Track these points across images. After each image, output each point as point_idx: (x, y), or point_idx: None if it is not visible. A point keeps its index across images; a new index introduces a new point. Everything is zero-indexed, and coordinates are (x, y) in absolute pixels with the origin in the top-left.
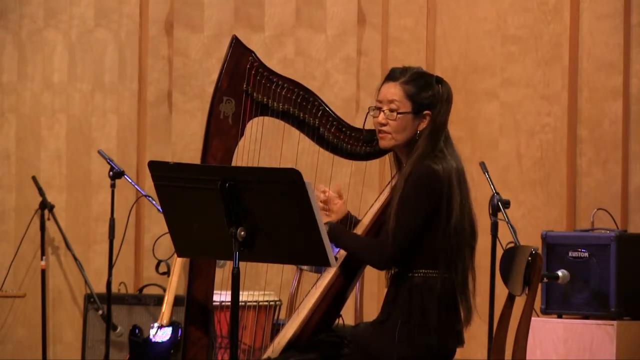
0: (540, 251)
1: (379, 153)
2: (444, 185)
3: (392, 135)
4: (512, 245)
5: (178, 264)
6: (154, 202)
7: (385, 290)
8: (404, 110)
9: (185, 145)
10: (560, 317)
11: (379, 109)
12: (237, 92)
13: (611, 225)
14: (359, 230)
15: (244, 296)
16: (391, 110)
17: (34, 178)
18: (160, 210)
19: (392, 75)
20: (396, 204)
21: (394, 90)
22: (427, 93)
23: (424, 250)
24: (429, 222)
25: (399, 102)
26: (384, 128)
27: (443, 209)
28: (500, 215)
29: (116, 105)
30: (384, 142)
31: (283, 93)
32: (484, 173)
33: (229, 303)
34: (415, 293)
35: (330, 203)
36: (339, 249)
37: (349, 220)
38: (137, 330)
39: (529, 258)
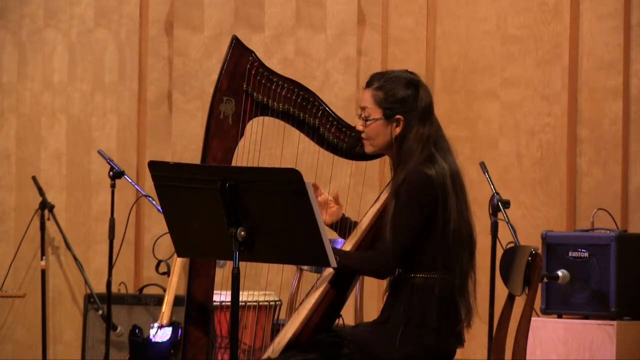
0: (540, 251)
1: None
2: (438, 189)
3: (369, 142)
4: (512, 245)
5: (178, 264)
6: (154, 202)
7: (385, 291)
8: (375, 117)
9: (185, 145)
10: (560, 317)
11: (359, 115)
12: (237, 92)
13: (611, 225)
14: (357, 232)
15: (244, 296)
16: (364, 117)
17: (34, 178)
18: (160, 210)
19: (369, 81)
20: (392, 213)
21: (366, 97)
22: (395, 97)
23: (423, 253)
24: (426, 226)
25: (370, 109)
26: (362, 135)
27: (439, 213)
28: (500, 215)
29: (116, 105)
30: (366, 148)
31: (283, 93)
32: (484, 173)
33: (229, 303)
34: (416, 294)
35: (326, 206)
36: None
37: (344, 224)
38: (137, 330)
39: (529, 258)
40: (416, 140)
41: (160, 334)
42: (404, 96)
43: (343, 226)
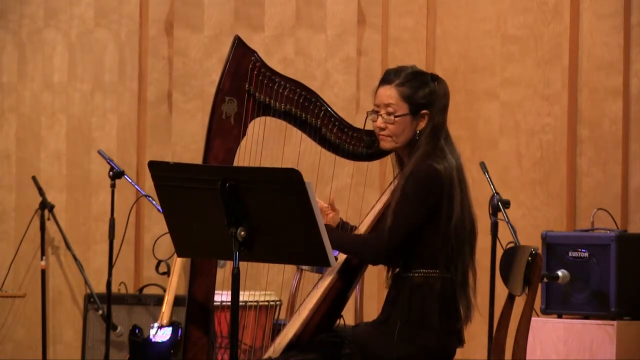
0: (540, 251)
1: (380, 153)
2: (445, 184)
3: (392, 138)
4: (512, 245)
5: (178, 264)
6: (154, 202)
7: (386, 290)
8: (402, 113)
9: (185, 145)
10: (560, 317)
11: (377, 112)
12: (239, 92)
13: (611, 225)
14: (359, 231)
15: (244, 296)
16: (388, 114)
17: (34, 178)
18: (160, 210)
19: (387, 78)
20: (396, 201)
21: (389, 93)
22: (423, 92)
23: (425, 250)
24: (429, 222)
25: (396, 105)
26: (383, 132)
27: (444, 209)
28: (500, 215)
29: (116, 105)
30: (385, 144)
31: (285, 93)
32: (484, 173)
33: (230, 303)
34: (416, 293)
35: (322, 213)
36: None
37: (343, 229)
38: (137, 330)
39: (529, 258)
40: (433, 134)
41: (160, 334)
42: (429, 91)
43: (343, 231)
